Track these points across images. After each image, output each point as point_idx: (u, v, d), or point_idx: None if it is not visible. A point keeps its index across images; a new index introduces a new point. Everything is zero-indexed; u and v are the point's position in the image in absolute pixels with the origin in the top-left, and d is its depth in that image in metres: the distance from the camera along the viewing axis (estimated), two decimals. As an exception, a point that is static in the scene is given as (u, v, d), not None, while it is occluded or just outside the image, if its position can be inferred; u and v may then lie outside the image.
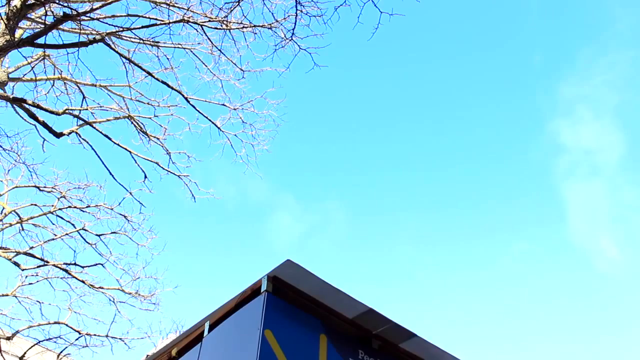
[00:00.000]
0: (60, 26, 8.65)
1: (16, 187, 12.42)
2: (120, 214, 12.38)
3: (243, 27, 9.61)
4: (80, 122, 10.53)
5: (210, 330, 3.41)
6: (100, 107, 11.09)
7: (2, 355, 11.59)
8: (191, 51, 10.71)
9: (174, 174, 11.67)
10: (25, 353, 11.17)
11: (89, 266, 12.24)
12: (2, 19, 7.85)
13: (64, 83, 10.76)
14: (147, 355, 4.08)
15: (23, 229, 12.06)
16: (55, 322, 12.07)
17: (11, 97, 9.14)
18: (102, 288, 12.26)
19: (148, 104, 11.28)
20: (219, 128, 11.45)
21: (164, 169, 11.54)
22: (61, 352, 11.69)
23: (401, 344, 3.60)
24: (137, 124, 11.22)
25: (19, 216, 12.02)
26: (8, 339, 11.70)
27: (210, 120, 11.34)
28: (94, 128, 10.77)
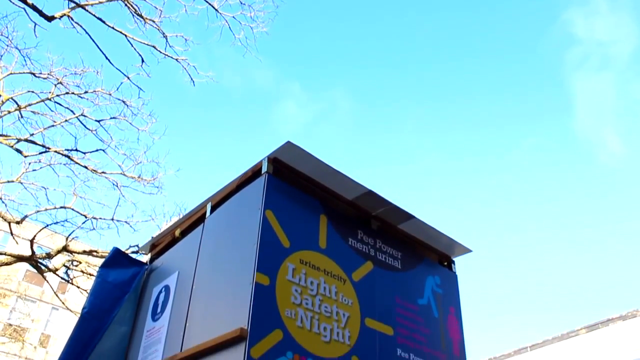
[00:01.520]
0: None
1: (11, 73, 12.17)
2: (119, 99, 12.25)
3: None
4: (72, 4, 10.10)
5: (212, 211, 3.46)
6: (92, -12, 10.58)
7: (14, 238, 11.98)
8: None
9: (171, 57, 11.38)
10: (35, 236, 11.52)
11: (90, 152, 12.33)
12: None
13: (51, -39, 10.19)
14: (152, 237, 4.18)
15: (22, 117, 11.99)
16: (61, 207, 12.35)
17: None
18: (104, 173, 12.41)
19: (141, -16, 10.76)
20: (216, 9, 11.02)
21: (161, 52, 11.23)
22: (69, 234, 12.07)
23: (399, 225, 3.67)
24: (131, 6, 10.76)
25: (16, 103, 11.89)
26: (18, 223, 12.04)
27: (206, 1, 10.89)
28: (87, 11, 10.35)
